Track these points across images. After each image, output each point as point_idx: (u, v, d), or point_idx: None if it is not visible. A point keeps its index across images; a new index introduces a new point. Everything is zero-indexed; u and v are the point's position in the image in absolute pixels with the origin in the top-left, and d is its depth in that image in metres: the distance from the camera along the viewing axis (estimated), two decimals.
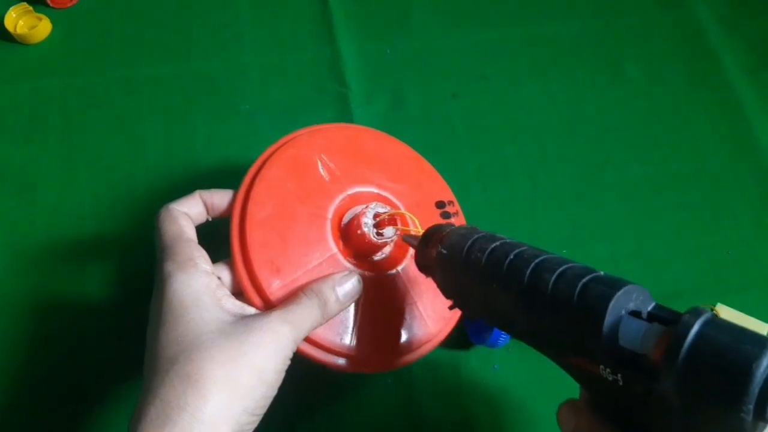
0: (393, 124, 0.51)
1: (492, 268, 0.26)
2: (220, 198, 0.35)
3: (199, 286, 0.29)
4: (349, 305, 0.33)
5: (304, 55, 0.54)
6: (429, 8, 0.57)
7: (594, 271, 0.24)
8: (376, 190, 0.38)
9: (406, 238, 0.34)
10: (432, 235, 0.31)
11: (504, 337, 0.39)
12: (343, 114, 0.51)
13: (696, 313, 0.20)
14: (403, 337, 0.35)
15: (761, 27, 0.58)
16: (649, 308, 0.23)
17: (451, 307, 0.30)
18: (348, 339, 0.33)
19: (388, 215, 0.35)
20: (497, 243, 0.27)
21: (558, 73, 0.55)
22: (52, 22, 0.54)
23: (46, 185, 0.47)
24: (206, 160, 0.49)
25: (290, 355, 0.29)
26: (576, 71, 0.55)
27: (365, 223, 0.34)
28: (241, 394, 0.27)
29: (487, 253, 0.26)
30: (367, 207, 0.35)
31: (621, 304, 0.22)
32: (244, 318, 0.29)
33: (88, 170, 0.48)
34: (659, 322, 0.21)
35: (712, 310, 0.43)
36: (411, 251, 0.36)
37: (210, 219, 0.35)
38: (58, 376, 0.41)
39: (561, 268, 0.24)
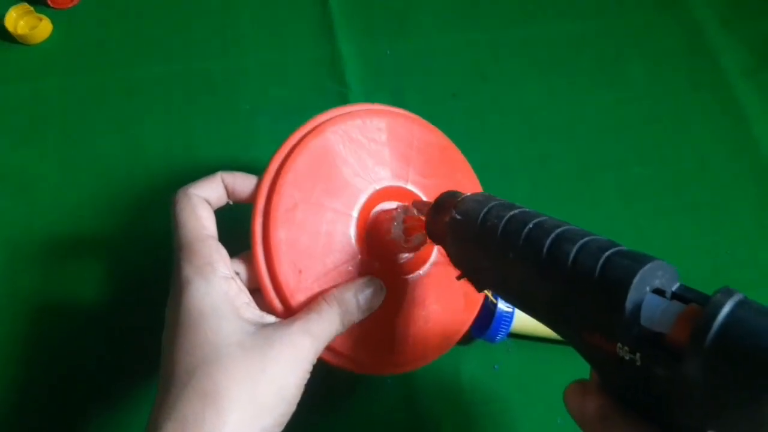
0: None
1: (509, 236, 0.24)
2: (243, 182, 0.33)
3: (217, 293, 0.28)
4: (370, 313, 0.32)
5: (304, 55, 0.54)
6: (429, 8, 0.57)
7: (617, 244, 0.23)
8: (404, 185, 0.35)
9: (416, 204, 0.32)
10: (445, 202, 0.29)
11: (503, 333, 0.39)
12: None
13: (727, 292, 0.18)
14: (417, 341, 0.34)
15: (761, 27, 0.58)
16: (675, 288, 0.21)
17: (459, 278, 0.29)
18: (361, 341, 0.32)
19: (417, 219, 0.32)
20: (515, 211, 0.25)
21: (558, 73, 0.55)
22: (53, 22, 0.54)
23: (45, 185, 0.47)
24: (206, 160, 0.49)
25: (310, 368, 0.28)
26: (576, 71, 0.55)
27: (395, 229, 0.32)
28: (259, 413, 0.26)
29: (504, 220, 0.25)
30: (396, 210, 0.33)
31: (645, 280, 0.20)
32: (263, 329, 0.28)
33: (87, 170, 0.48)
34: (684, 302, 0.20)
35: None
36: (433, 255, 0.35)
37: (231, 203, 0.33)
38: (55, 376, 0.41)
39: (583, 240, 0.23)
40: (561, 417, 0.41)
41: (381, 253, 0.34)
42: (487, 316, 0.39)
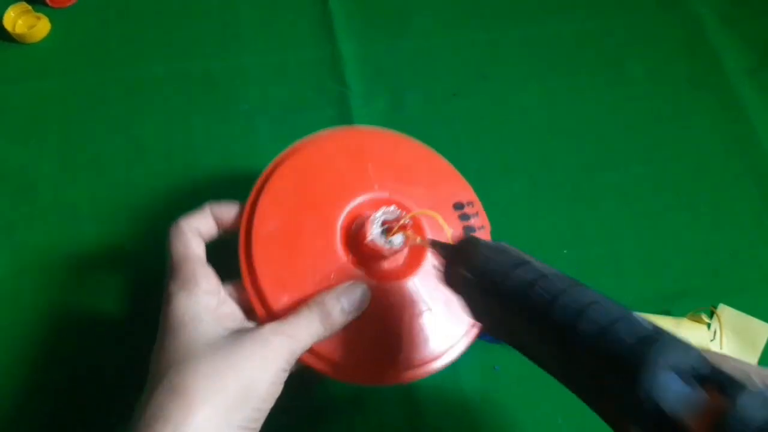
0: (393, 124, 0.51)
1: (528, 309, 0.24)
2: (228, 211, 0.35)
3: (198, 305, 0.30)
4: (356, 316, 0.32)
5: (304, 54, 0.54)
6: (429, 8, 0.57)
7: (629, 312, 0.22)
8: (387, 195, 0.36)
9: (435, 245, 0.30)
10: (456, 254, 0.28)
11: None
12: (343, 114, 0.51)
13: (754, 395, 0.17)
14: (412, 351, 0.33)
15: (762, 26, 0.58)
16: (694, 364, 0.20)
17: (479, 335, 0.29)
18: (352, 350, 0.32)
19: (397, 221, 0.33)
20: (535, 277, 0.24)
21: (558, 73, 0.55)
22: (51, 21, 0.53)
23: (44, 185, 0.47)
24: (206, 160, 0.48)
25: (284, 366, 0.29)
26: (576, 71, 0.55)
27: (372, 232, 0.33)
28: (228, 406, 0.26)
29: (521, 288, 0.24)
30: (373, 214, 0.34)
31: (662, 357, 0.19)
32: (238, 332, 0.29)
33: (87, 170, 0.48)
34: (704, 383, 0.19)
35: (712, 311, 0.43)
36: (426, 258, 0.35)
37: (222, 233, 0.35)
38: (55, 377, 0.41)
39: (595, 308, 0.22)
40: (561, 417, 0.41)
41: (366, 260, 0.34)
42: None
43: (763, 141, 0.52)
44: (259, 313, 0.32)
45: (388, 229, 0.33)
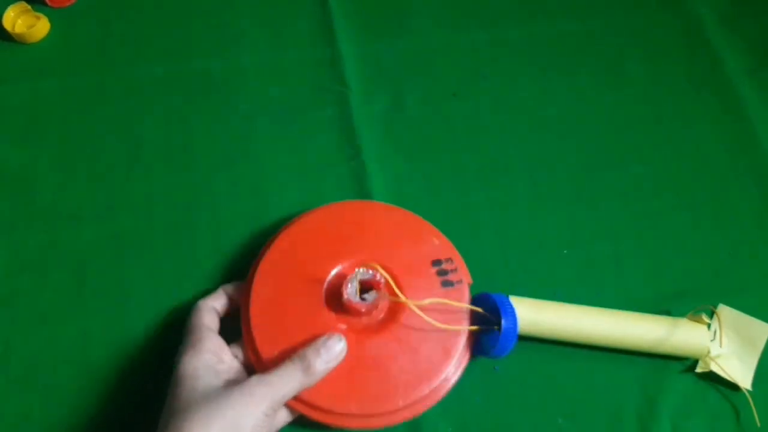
0: (393, 124, 0.51)
1: None
2: (236, 290, 0.41)
3: (200, 362, 0.35)
4: (335, 365, 0.36)
5: (304, 54, 0.54)
6: (429, 8, 0.57)
7: None
8: (367, 259, 0.40)
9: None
10: None
11: (509, 346, 0.38)
12: (343, 114, 0.51)
13: None
14: (390, 394, 0.37)
15: (762, 26, 0.58)
16: None
17: None
18: (343, 398, 0.37)
19: (372, 280, 0.38)
20: None
21: (558, 73, 0.55)
22: (51, 21, 0.53)
23: (43, 185, 0.47)
24: (205, 160, 0.48)
25: (266, 411, 0.33)
26: (576, 71, 0.55)
27: (347, 291, 0.37)
28: None
29: None
30: (349, 275, 0.38)
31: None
32: (232, 382, 0.34)
33: (86, 170, 0.48)
34: None
35: (712, 311, 0.43)
36: (403, 313, 0.39)
37: (236, 307, 0.40)
38: (54, 376, 0.40)
39: None
40: (562, 417, 0.41)
41: (347, 316, 0.39)
42: (492, 338, 0.38)
43: (763, 141, 0.52)
44: (255, 366, 0.37)
45: (360, 288, 0.38)
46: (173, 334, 0.40)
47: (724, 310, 0.43)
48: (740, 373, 0.42)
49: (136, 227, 0.45)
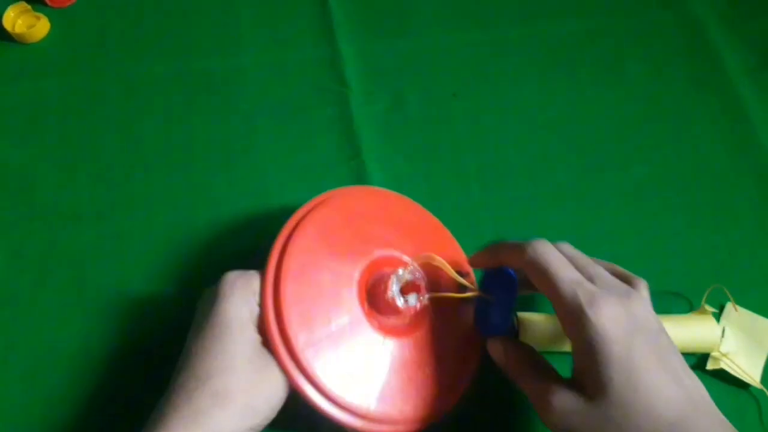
0: (393, 124, 0.51)
1: None
2: None
3: (247, 312, 0.34)
4: None
5: (304, 54, 0.54)
6: (429, 8, 0.57)
7: None
8: (400, 255, 0.38)
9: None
10: None
11: (504, 317, 0.37)
12: (343, 114, 0.51)
13: None
14: (423, 399, 0.36)
15: (762, 26, 0.58)
16: None
17: None
18: (370, 401, 0.34)
19: (414, 282, 0.36)
20: None
21: (558, 73, 0.55)
22: (51, 21, 0.53)
23: (43, 184, 0.47)
24: (205, 160, 0.48)
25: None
26: (576, 71, 0.55)
27: (392, 289, 0.35)
28: (252, 414, 0.32)
29: None
30: (395, 273, 0.36)
31: None
32: (262, 350, 0.33)
33: (86, 169, 0.48)
34: None
35: (722, 307, 0.43)
36: (432, 315, 0.38)
37: None
38: (54, 376, 0.41)
39: None
40: None
41: (380, 312, 0.37)
42: (482, 310, 0.38)
43: (763, 141, 0.52)
44: (278, 350, 0.33)
45: (403, 288, 0.36)
46: (174, 334, 0.40)
47: (731, 308, 0.44)
48: (748, 370, 0.42)
49: (136, 227, 0.45)
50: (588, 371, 0.30)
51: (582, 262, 0.34)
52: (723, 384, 0.42)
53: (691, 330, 0.41)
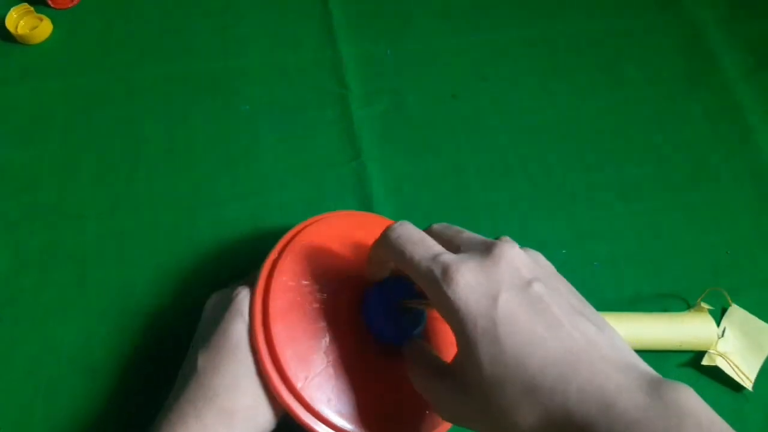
0: (393, 125, 0.51)
1: None
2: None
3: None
4: None
5: (305, 56, 0.54)
6: (429, 9, 0.57)
7: None
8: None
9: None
10: None
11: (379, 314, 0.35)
12: (343, 115, 0.51)
13: None
14: (427, 413, 0.35)
15: (760, 28, 0.58)
16: None
17: None
18: (376, 422, 0.33)
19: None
20: None
21: (557, 74, 0.55)
22: (53, 22, 0.54)
23: (46, 185, 0.47)
24: (206, 161, 0.49)
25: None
26: (575, 72, 0.55)
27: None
28: (254, 429, 0.33)
29: None
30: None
31: None
32: None
33: (89, 170, 0.48)
34: None
35: (723, 310, 0.43)
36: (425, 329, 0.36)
37: None
38: (54, 375, 0.41)
39: None
40: None
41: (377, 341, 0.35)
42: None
43: (760, 141, 0.52)
44: (279, 391, 0.33)
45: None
46: (175, 334, 0.40)
47: (735, 311, 0.44)
48: (744, 372, 0.42)
49: (138, 227, 0.46)
50: (458, 354, 0.27)
51: (448, 234, 0.31)
52: (715, 382, 0.43)
53: (687, 327, 0.42)
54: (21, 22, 0.53)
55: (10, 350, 0.41)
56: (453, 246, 0.30)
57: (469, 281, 0.27)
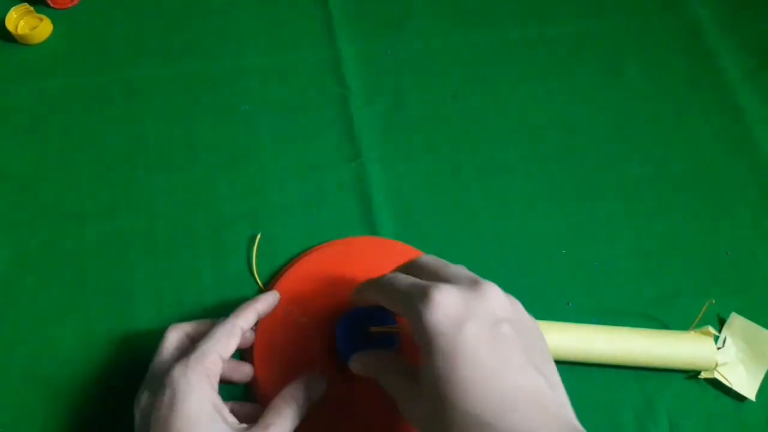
0: (393, 125, 0.51)
1: None
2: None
3: (209, 406, 0.31)
4: (315, 401, 0.35)
5: (305, 55, 0.54)
6: (429, 9, 0.57)
7: None
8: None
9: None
10: None
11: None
12: (343, 115, 0.51)
13: None
14: None
15: (760, 29, 0.58)
16: None
17: None
18: None
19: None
20: None
21: (557, 74, 0.55)
22: (53, 22, 0.54)
23: (46, 185, 0.47)
24: (206, 161, 0.49)
25: None
26: (575, 72, 0.55)
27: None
28: None
29: None
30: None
31: None
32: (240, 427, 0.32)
33: (89, 170, 0.48)
34: None
35: (722, 322, 0.43)
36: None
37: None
38: (55, 375, 0.41)
39: None
40: None
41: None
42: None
43: (760, 141, 0.52)
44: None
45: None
46: None
47: (735, 319, 0.43)
48: (746, 382, 0.42)
49: (138, 227, 0.46)
50: (419, 363, 0.28)
51: (436, 265, 0.32)
52: (719, 393, 0.42)
53: (687, 351, 0.41)
54: (21, 22, 0.53)
55: (10, 350, 0.41)
56: (439, 278, 0.31)
57: (446, 303, 0.28)
